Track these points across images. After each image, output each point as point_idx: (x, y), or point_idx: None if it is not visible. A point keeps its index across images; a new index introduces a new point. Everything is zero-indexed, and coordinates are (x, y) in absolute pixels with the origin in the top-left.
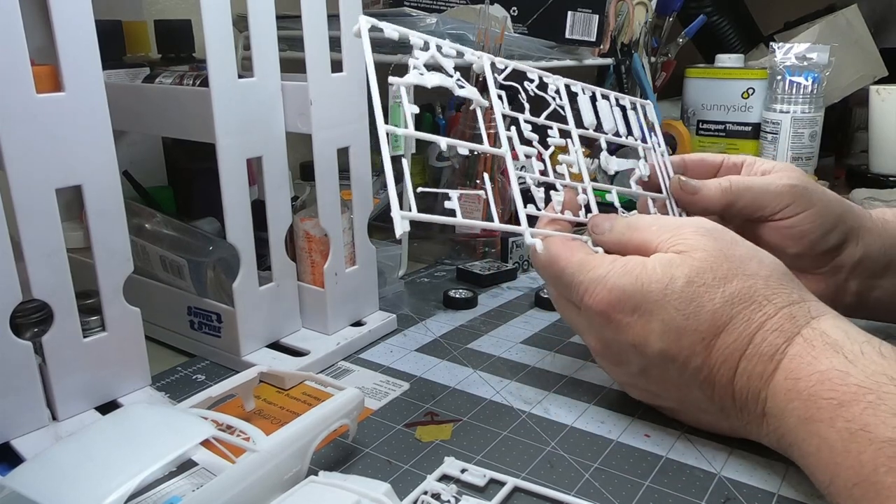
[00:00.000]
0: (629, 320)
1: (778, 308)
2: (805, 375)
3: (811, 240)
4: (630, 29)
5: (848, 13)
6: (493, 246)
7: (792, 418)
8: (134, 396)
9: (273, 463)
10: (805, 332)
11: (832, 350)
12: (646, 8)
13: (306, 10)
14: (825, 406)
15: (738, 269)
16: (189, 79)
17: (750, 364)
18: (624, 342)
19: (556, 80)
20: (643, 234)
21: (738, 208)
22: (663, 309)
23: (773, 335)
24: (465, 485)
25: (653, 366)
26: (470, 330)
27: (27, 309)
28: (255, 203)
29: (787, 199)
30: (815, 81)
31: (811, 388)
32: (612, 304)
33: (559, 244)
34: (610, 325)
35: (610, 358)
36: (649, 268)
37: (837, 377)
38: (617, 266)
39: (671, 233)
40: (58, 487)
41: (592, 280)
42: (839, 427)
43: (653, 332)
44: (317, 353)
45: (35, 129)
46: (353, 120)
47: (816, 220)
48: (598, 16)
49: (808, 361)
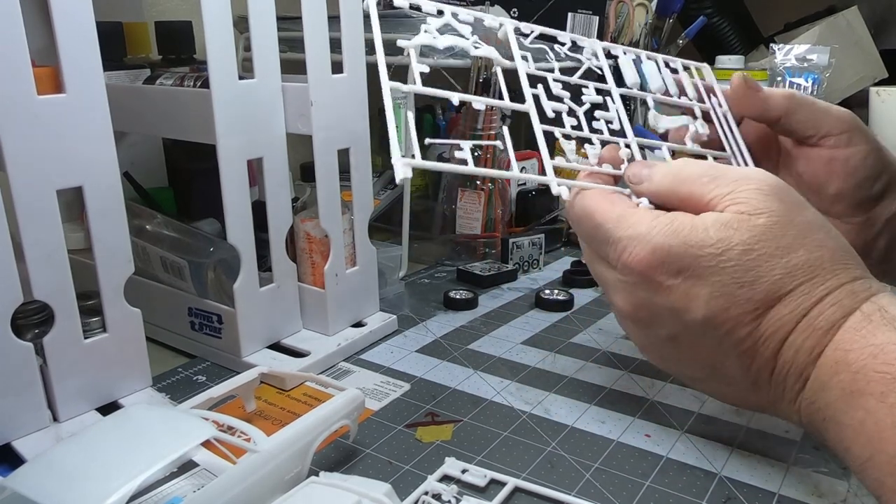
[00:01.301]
0: (672, 283)
1: (841, 282)
2: (858, 348)
3: (858, 179)
4: (630, 30)
5: (848, 15)
6: (493, 247)
7: (836, 391)
8: (135, 397)
9: (274, 463)
10: (864, 307)
11: (891, 325)
12: (646, 9)
13: (307, 11)
14: (877, 380)
15: (805, 239)
16: (190, 80)
17: (800, 337)
18: (661, 305)
19: (594, 44)
20: (692, 187)
21: (796, 120)
22: (716, 275)
23: (831, 309)
24: (465, 485)
25: (688, 332)
26: (470, 331)
27: (28, 310)
28: (256, 204)
29: (846, 125)
30: (815, 83)
31: (862, 361)
32: (654, 266)
33: (596, 196)
34: (648, 286)
35: (638, 320)
36: (701, 229)
37: (894, 351)
38: (662, 223)
39: (729, 187)
40: (59, 488)
41: (632, 237)
42: (890, 402)
43: (698, 296)
44: (317, 353)
45: (36, 130)
46: (353, 121)
47: (869, 159)
48: (598, 17)
49: (862, 335)
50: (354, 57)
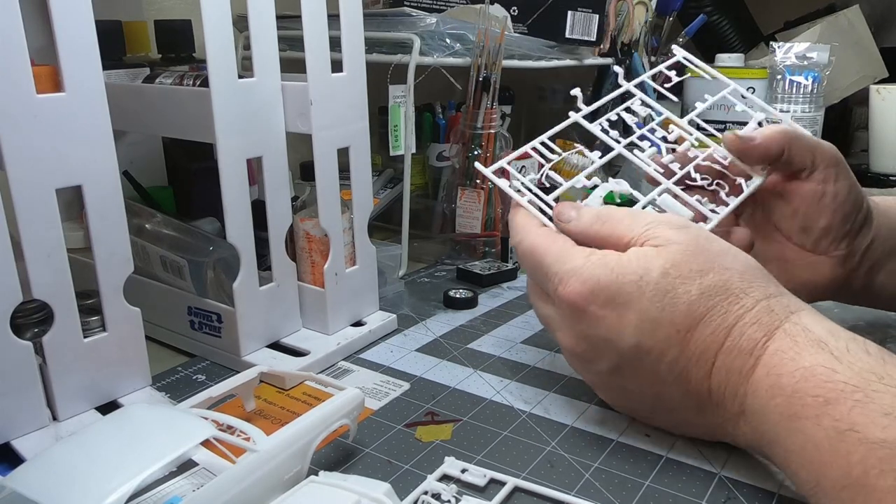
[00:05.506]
0: (603, 313)
1: (756, 301)
2: (788, 371)
3: (845, 213)
4: (630, 28)
5: (849, 13)
6: (493, 246)
7: (774, 415)
8: (134, 396)
9: (273, 463)
10: (786, 327)
11: (816, 346)
12: (646, 7)
13: (306, 10)
14: (811, 403)
15: (714, 263)
16: (189, 79)
17: (728, 358)
18: (597, 336)
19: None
20: (615, 228)
21: (791, 155)
22: (638, 301)
23: (751, 329)
24: (465, 485)
25: (626, 361)
26: (470, 330)
27: (27, 309)
28: (256, 203)
29: (833, 159)
30: (816, 81)
31: (795, 385)
32: (586, 296)
33: (541, 234)
34: (584, 319)
35: (582, 355)
36: (625, 260)
37: (823, 374)
38: (594, 258)
39: (645, 227)
40: (58, 488)
41: (567, 271)
42: (826, 426)
43: (628, 324)
44: (317, 353)
45: (35, 129)
46: (353, 120)
47: (852, 193)
48: (598, 15)
49: (791, 357)
50: (354, 56)
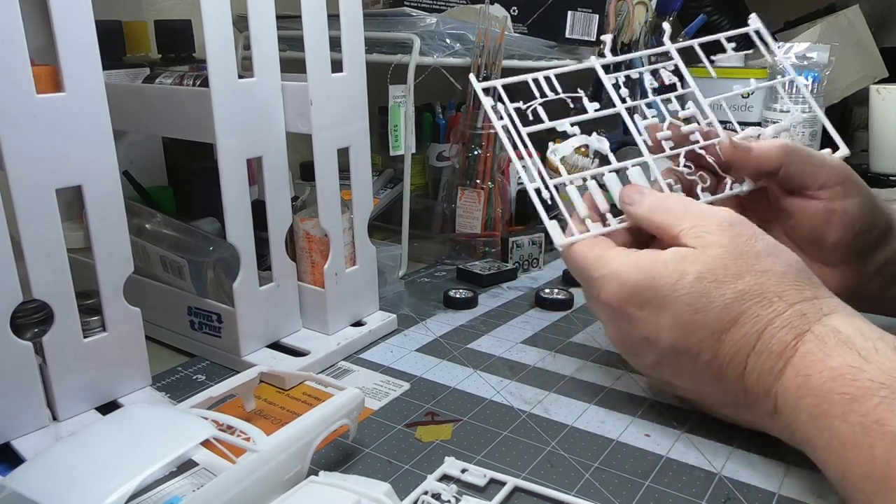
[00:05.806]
0: (641, 314)
1: (789, 304)
2: (816, 372)
3: (856, 230)
4: (630, 28)
5: (849, 13)
6: (493, 246)
7: (804, 414)
8: (134, 396)
9: (273, 463)
10: (816, 329)
11: (845, 347)
12: (646, 7)
13: (306, 10)
14: (838, 401)
15: (752, 266)
16: (189, 79)
17: (759, 360)
18: (637, 336)
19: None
20: (667, 217)
21: (792, 172)
22: (673, 304)
23: (782, 332)
24: (465, 485)
25: (666, 359)
26: (470, 330)
27: (27, 309)
28: (256, 203)
29: (841, 176)
30: (816, 81)
31: (823, 385)
32: (623, 299)
33: (583, 242)
34: (623, 319)
35: (627, 350)
36: (660, 263)
37: (850, 373)
38: (630, 261)
39: (694, 221)
40: (58, 488)
41: (605, 276)
42: (852, 422)
43: (664, 326)
44: (317, 353)
45: (35, 129)
46: (353, 120)
47: (865, 209)
48: (598, 15)
49: (819, 358)
50: (354, 56)
